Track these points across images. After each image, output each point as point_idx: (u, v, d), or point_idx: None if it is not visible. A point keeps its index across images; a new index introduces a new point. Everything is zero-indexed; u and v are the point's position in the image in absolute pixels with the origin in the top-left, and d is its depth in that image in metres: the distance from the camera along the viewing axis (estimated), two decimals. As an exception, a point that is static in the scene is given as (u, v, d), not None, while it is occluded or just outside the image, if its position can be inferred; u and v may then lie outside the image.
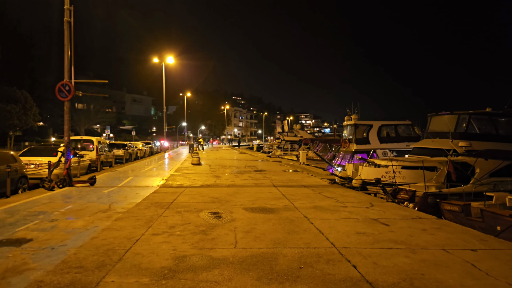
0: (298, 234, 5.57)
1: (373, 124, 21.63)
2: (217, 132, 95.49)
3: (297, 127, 54.09)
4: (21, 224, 6.15)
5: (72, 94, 11.46)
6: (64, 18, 11.39)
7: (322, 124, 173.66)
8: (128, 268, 4.08)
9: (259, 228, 5.97)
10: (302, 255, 4.58)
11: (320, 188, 11.08)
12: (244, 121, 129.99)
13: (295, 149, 42.64)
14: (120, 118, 76.13)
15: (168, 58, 35.25)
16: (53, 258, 4.41)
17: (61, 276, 3.82)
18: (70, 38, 11.59)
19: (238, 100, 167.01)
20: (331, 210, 7.53)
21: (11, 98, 34.51)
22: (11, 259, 4.35)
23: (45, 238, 5.30)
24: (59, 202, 8.43)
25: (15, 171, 9.90)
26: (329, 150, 33.10)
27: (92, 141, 17.96)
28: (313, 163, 25.91)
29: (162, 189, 10.76)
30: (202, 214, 7.08)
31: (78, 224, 6.18)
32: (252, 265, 4.19)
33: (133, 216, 6.89)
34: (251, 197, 9.24)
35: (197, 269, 4.06)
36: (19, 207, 7.65)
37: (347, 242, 5.18)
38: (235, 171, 16.74)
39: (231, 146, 66.63)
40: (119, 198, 9.02)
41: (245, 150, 47.10)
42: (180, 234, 5.55)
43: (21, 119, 34.48)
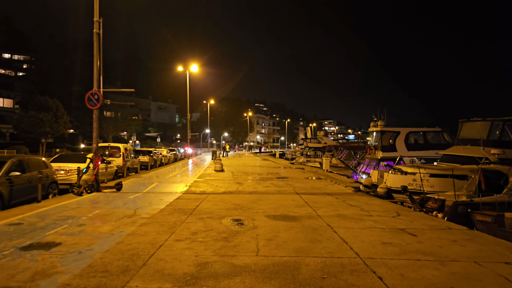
0: (321, 243, 5.47)
1: (401, 131, 21.07)
2: (240, 139, 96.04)
3: (321, 133, 53.57)
4: (50, 228, 6.37)
5: (101, 102, 11.86)
6: (94, 30, 11.85)
7: (346, 131, 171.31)
8: (151, 274, 4.13)
9: (281, 236, 5.91)
10: (325, 264, 4.49)
11: (344, 196, 10.87)
12: (266, 128, 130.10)
13: (318, 156, 42.17)
14: (146, 125, 78.08)
15: (192, 67, 35.92)
16: (80, 262, 4.53)
17: (87, 280, 3.91)
18: (99, 49, 12.03)
19: (260, 107, 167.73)
20: (356, 219, 7.36)
21: (43, 107, 36.12)
22: (41, 262, 4.51)
23: (73, 242, 5.46)
24: (87, 207, 8.69)
25: (46, 177, 10.30)
26: (354, 157, 32.51)
27: (119, 148, 18.46)
28: (336, 170, 25.52)
29: (186, 195, 10.89)
30: (224, 221, 7.09)
31: (105, 229, 6.34)
32: (274, 274, 4.14)
33: (157, 222, 6.99)
34: (273, 204, 9.18)
35: (219, 276, 4.05)
36: (49, 212, 7.93)
37: (372, 252, 5.04)
38: (257, 178, 16.72)
39: (253, 153, 66.75)
40: (144, 203, 9.19)
41: (267, 157, 47.04)
42: (203, 241, 5.57)
43: (52, 127, 35.97)
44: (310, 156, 43.33)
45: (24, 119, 34.48)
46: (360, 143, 45.66)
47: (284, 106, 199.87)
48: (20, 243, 5.36)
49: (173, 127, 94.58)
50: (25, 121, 34.33)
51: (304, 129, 65.17)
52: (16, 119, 37.04)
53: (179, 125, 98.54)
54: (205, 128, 71.58)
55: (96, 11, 11.79)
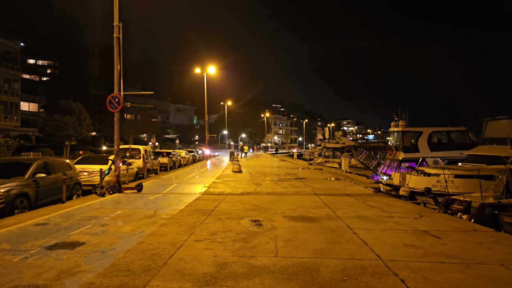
0: (340, 245, 5.41)
1: (423, 131, 20.54)
2: (257, 140, 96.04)
3: (339, 133, 52.90)
4: (75, 228, 6.56)
5: (121, 105, 12.11)
6: (114, 34, 12.12)
7: (366, 131, 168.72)
8: (172, 273, 4.19)
9: (300, 237, 5.87)
10: (345, 266, 4.43)
11: (364, 197, 10.71)
12: (284, 128, 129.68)
13: (337, 156, 41.69)
14: (165, 127, 79.30)
15: (209, 68, 36.21)
16: (103, 261, 4.64)
17: (110, 279, 4.00)
18: (119, 53, 12.30)
19: (278, 107, 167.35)
20: (376, 220, 7.24)
21: (67, 110, 37.20)
22: (66, 261, 4.64)
23: (96, 241, 5.60)
24: (109, 207, 8.90)
25: (70, 178, 10.61)
26: (374, 157, 31.94)
27: (139, 149, 18.80)
28: (356, 171, 25.16)
29: (204, 196, 10.98)
30: (242, 221, 7.11)
31: (126, 229, 6.47)
32: (293, 275, 4.12)
33: (176, 222, 7.08)
34: (291, 205, 9.14)
35: (238, 277, 4.06)
36: (73, 212, 8.16)
37: (394, 254, 4.94)
38: (275, 179, 16.69)
39: (270, 153, 66.67)
40: (164, 204, 9.33)
41: (285, 158, 46.88)
42: (222, 241, 5.60)
43: (76, 130, 37.01)
44: (329, 157, 42.89)
45: (49, 123, 35.63)
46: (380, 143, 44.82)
47: (301, 107, 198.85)
48: (46, 242, 5.54)
49: (191, 128, 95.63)
50: (50, 125, 35.47)
51: (322, 129, 64.50)
52: (41, 122, 38.32)
53: (197, 126, 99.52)
54: (223, 130, 72.04)
55: (115, 16, 12.06)
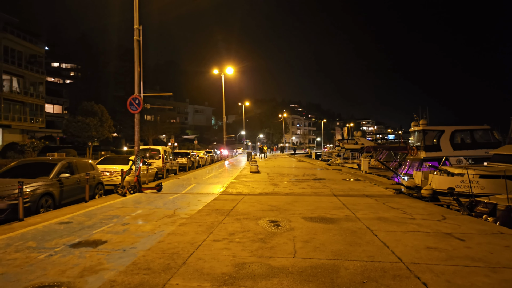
0: (360, 246, 5.32)
1: (445, 130, 19.99)
2: (275, 140, 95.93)
3: (358, 134, 52.15)
4: (97, 226, 6.72)
5: (141, 107, 12.34)
6: (134, 37, 12.37)
7: (386, 131, 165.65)
8: (191, 272, 4.23)
9: (319, 238, 5.82)
10: (365, 268, 4.36)
11: (384, 198, 10.52)
12: (302, 128, 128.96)
13: (356, 157, 41.10)
14: (184, 128, 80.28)
15: (227, 69, 36.39)
16: (125, 259, 4.73)
17: (131, 277, 4.08)
18: (139, 55, 12.53)
19: (296, 107, 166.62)
20: (397, 222, 7.09)
21: (89, 112, 38.22)
22: (89, 259, 4.76)
23: (118, 240, 5.72)
24: (130, 207, 9.08)
25: (93, 178, 10.88)
26: (394, 158, 31.31)
27: (158, 150, 19.10)
28: (376, 171, 24.73)
29: (222, 196, 11.05)
30: (260, 222, 7.11)
31: (147, 228, 6.58)
32: (312, 276, 4.09)
33: (195, 222, 7.15)
34: (310, 206, 9.07)
35: (256, 277, 4.06)
36: (96, 211, 8.37)
37: (416, 257, 4.82)
38: (293, 180, 16.61)
39: (288, 154, 66.37)
40: (183, 204, 9.43)
41: (303, 158, 46.60)
42: (240, 241, 5.62)
43: (98, 131, 37.95)
44: (347, 157, 42.34)
45: (72, 124, 36.70)
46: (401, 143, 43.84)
47: (320, 107, 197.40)
48: (70, 240, 5.70)
49: (210, 129, 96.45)
50: (73, 126, 36.53)
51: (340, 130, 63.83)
52: (65, 124, 39.51)
53: (215, 127, 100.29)
54: (241, 130, 72.35)
55: (136, 19, 12.29)
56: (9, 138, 36.28)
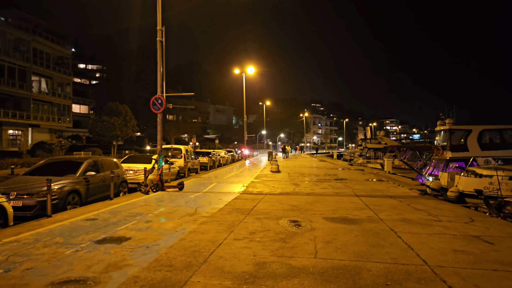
0: (383, 248, 5.21)
1: (473, 129, 19.28)
2: (296, 140, 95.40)
3: (381, 133, 51.05)
4: (121, 224, 6.89)
5: (164, 106, 12.55)
6: (157, 38, 12.59)
7: (410, 130, 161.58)
8: (212, 270, 4.26)
9: (340, 239, 5.74)
10: (388, 270, 4.26)
11: (408, 199, 10.26)
12: (323, 128, 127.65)
13: (379, 157, 40.31)
14: (205, 128, 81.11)
15: (248, 69, 36.49)
16: (148, 256, 4.82)
17: (154, 273, 4.16)
18: (162, 56, 12.74)
19: (317, 107, 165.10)
20: (422, 223, 6.90)
21: (114, 112, 39.26)
22: (113, 255, 4.88)
23: (141, 237, 5.84)
24: (153, 205, 9.25)
25: (117, 176, 11.16)
26: (419, 158, 30.49)
27: (180, 149, 19.38)
28: (399, 172, 24.16)
29: (243, 195, 11.08)
30: (281, 221, 7.08)
31: (169, 226, 6.69)
32: (333, 277, 4.03)
33: (216, 220, 7.20)
34: (331, 206, 8.96)
35: (277, 277, 4.05)
36: (120, 209, 8.58)
37: (441, 260, 4.67)
38: (314, 179, 16.47)
39: (309, 154, 65.88)
40: (204, 203, 9.53)
41: (324, 158, 46.14)
42: (260, 241, 5.61)
43: (122, 130, 38.93)
44: (370, 157, 41.58)
45: (98, 124, 37.81)
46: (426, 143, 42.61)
47: (342, 106, 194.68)
48: (95, 237, 5.87)
49: (230, 129, 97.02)
50: (99, 126, 37.63)
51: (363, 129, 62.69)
52: (90, 123, 40.75)
53: (236, 126, 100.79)
54: (261, 130, 72.36)
55: (158, 20, 12.50)
56: (38, 137, 37.78)
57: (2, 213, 6.80)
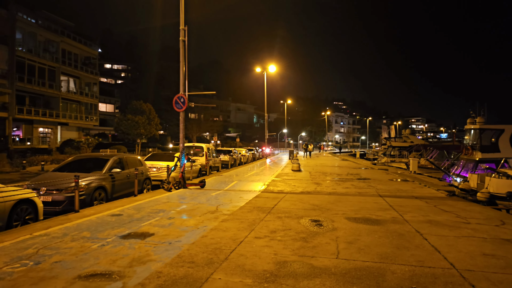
0: (408, 250, 5.07)
1: (505, 129, 18.42)
2: (317, 139, 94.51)
3: (407, 132, 49.76)
4: (145, 220, 7.03)
5: (186, 105, 12.70)
6: (180, 38, 12.74)
7: (437, 129, 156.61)
8: (233, 268, 4.27)
9: (363, 239, 5.63)
10: (413, 273, 4.14)
11: (435, 200, 9.95)
12: (346, 126, 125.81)
13: (404, 156, 39.33)
14: (226, 126, 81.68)
15: (269, 67, 36.38)
16: (170, 252, 4.90)
17: (176, 269, 4.21)
18: (185, 55, 12.89)
19: (339, 105, 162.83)
20: (450, 226, 6.67)
21: (138, 110, 40.15)
22: (137, 250, 4.99)
23: (164, 233, 5.94)
24: (175, 202, 9.40)
25: (141, 174, 11.41)
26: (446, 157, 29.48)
27: (202, 147, 19.60)
28: (426, 172, 23.47)
29: (264, 194, 11.07)
30: (302, 221, 7.02)
31: (191, 223, 6.77)
32: (356, 279, 3.96)
33: (237, 218, 7.23)
34: (353, 206, 8.82)
35: (298, 276, 4.01)
36: (144, 205, 8.77)
37: (470, 264, 4.50)
38: (336, 179, 16.25)
39: (331, 153, 65.07)
40: (225, 200, 9.59)
41: (347, 157, 45.45)
42: (281, 240, 5.59)
43: (146, 128, 39.77)
44: (395, 156, 40.60)
45: (123, 122, 38.78)
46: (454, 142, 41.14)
47: (365, 104, 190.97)
48: (120, 232, 6.02)
49: (251, 127, 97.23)
50: (124, 124, 38.59)
51: (387, 128, 61.25)
52: (116, 122, 41.86)
53: (257, 125, 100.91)
54: (282, 128, 72.05)
55: (181, 20, 12.66)
56: (67, 135, 39.18)
57: (33, 208, 7.09)
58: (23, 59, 32.64)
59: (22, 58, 32.49)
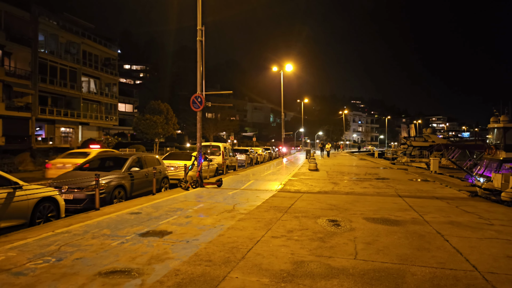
0: (429, 252, 4.95)
1: None
2: (334, 138, 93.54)
3: (428, 131, 48.59)
4: (163, 218, 7.12)
5: (203, 105, 12.79)
6: (197, 38, 12.85)
7: (459, 128, 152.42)
8: (250, 267, 4.28)
9: (382, 240, 5.53)
10: (434, 275, 4.04)
11: (457, 201, 9.69)
12: (364, 125, 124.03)
13: (424, 156, 38.46)
14: (242, 125, 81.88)
15: (286, 66, 36.24)
16: (188, 250, 4.95)
17: (194, 267, 4.25)
18: (202, 55, 12.99)
19: (357, 104, 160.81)
20: (472, 227, 6.47)
21: (156, 110, 40.75)
22: (156, 248, 5.06)
23: (181, 232, 6.00)
24: (192, 200, 9.49)
25: (159, 173, 11.57)
26: (469, 157, 28.65)
27: (219, 147, 19.71)
28: (447, 172, 22.88)
29: (280, 193, 11.04)
30: (319, 220, 6.97)
31: (208, 222, 6.82)
32: (375, 280, 3.89)
33: (254, 217, 7.24)
34: (372, 206, 8.68)
35: (315, 276, 3.98)
36: (162, 204, 8.89)
37: (494, 266, 4.36)
38: (354, 178, 16.05)
39: (349, 152, 64.29)
40: (242, 200, 9.61)
41: (365, 156, 44.82)
42: (298, 239, 5.56)
43: (164, 128, 40.32)
44: (415, 156, 39.74)
45: (141, 122, 39.43)
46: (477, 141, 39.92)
47: (383, 102, 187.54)
48: (139, 230, 6.12)
49: (268, 126, 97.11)
50: (142, 124, 39.24)
51: (407, 126, 59.91)
52: (135, 121, 42.59)
53: (274, 124, 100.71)
54: (299, 127, 71.67)
55: (199, 20, 12.75)
56: (87, 134, 40.14)
57: (55, 206, 7.30)
58: (46, 61, 33.60)
59: (44, 59, 33.45)
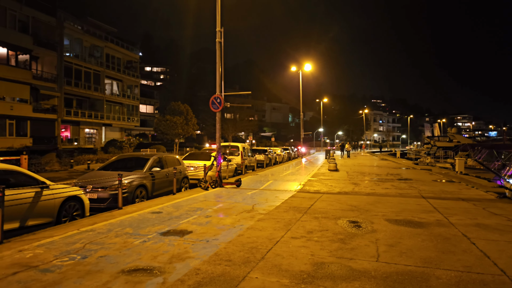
0: (455, 255, 4.80)
1: None
2: (355, 138, 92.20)
3: (453, 130, 47.11)
4: (183, 217, 7.21)
5: (223, 105, 12.87)
6: (216, 39, 12.94)
7: (486, 127, 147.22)
8: (269, 267, 4.27)
9: (405, 242, 5.40)
10: (460, 279, 3.91)
11: (484, 202, 9.35)
12: (385, 125, 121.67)
13: (449, 156, 37.33)
14: (261, 126, 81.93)
15: (305, 66, 36.00)
16: (208, 250, 4.98)
17: (214, 267, 4.28)
18: (221, 56, 13.07)
19: (378, 103, 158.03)
20: (501, 230, 6.23)
21: (176, 111, 41.32)
22: (176, 247, 5.12)
23: (201, 231, 6.06)
24: (212, 200, 9.56)
25: (179, 173, 11.72)
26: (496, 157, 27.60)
27: (238, 147, 19.78)
28: (473, 172, 22.12)
29: (300, 193, 10.97)
30: (340, 222, 6.87)
31: (227, 221, 6.85)
32: (398, 283, 3.80)
33: (273, 218, 7.22)
34: (394, 207, 8.49)
35: (336, 278, 3.93)
36: (182, 203, 9.00)
37: (525, 271, 4.17)
38: (375, 179, 15.75)
39: (370, 152, 63.20)
40: (261, 200, 9.61)
41: (386, 157, 43.93)
42: (318, 240, 5.50)
43: (183, 129, 40.83)
44: (439, 156, 38.63)
45: (162, 123, 40.07)
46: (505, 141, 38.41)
47: (405, 101, 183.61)
48: (161, 229, 6.21)
49: (286, 126, 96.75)
50: (162, 124, 39.87)
51: (430, 126, 58.07)
52: (155, 122, 43.30)
53: (292, 124, 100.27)
54: (318, 127, 71.02)
55: (218, 22, 12.84)
56: (110, 135, 41.17)
57: (80, 205, 7.51)
58: (71, 64, 34.68)
59: (69, 63, 34.54)
